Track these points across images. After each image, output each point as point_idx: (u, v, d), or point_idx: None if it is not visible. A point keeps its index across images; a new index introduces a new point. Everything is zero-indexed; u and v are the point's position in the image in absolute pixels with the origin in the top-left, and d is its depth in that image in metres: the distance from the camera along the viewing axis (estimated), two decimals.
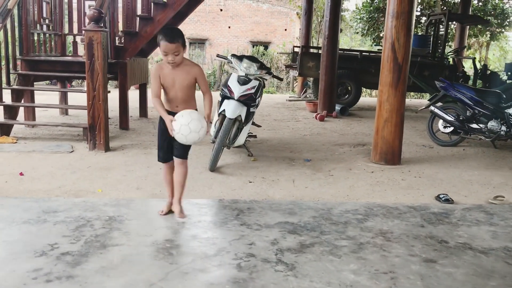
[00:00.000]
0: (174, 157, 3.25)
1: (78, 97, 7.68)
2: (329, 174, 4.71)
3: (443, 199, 3.94)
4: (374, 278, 2.47)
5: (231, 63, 4.88)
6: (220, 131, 4.54)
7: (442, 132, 6.59)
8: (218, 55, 5.26)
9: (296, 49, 11.68)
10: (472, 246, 2.97)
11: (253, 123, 5.36)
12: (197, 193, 3.93)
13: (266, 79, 5.26)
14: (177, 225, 3.14)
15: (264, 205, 3.60)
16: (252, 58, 4.88)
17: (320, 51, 9.74)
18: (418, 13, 18.45)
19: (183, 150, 3.22)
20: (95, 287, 2.26)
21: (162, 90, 3.14)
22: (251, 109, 4.80)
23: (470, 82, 11.22)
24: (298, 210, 3.52)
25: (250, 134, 5.26)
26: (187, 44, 24.69)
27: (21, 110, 6.44)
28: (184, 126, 2.95)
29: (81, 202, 3.50)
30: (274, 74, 5.17)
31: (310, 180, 4.47)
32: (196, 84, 3.17)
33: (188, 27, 21.52)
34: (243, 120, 4.74)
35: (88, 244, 2.76)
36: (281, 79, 5.56)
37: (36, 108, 6.76)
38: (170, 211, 3.34)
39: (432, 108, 6.55)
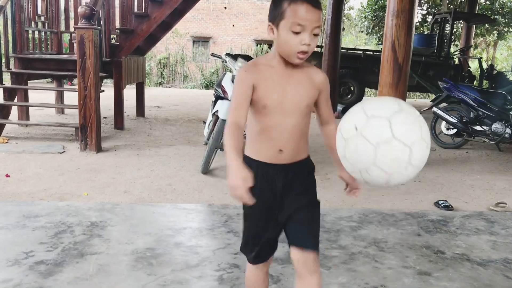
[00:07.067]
0: (298, 249, 1.64)
1: (74, 96, 7.55)
2: (326, 178, 4.56)
3: (442, 205, 3.78)
4: None
5: (226, 62, 4.74)
6: (212, 133, 4.39)
7: (445, 134, 6.41)
8: (212, 54, 5.12)
9: None
10: (470, 257, 2.81)
11: None
12: (186, 197, 3.79)
13: None
14: (161, 232, 3.00)
15: None
16: (247, 57, 4.72)
17: (322, 50, 9.58)
18: (425, 12, 18.24)
19: (315, 228, 1.72)
20: None
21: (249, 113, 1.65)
22: None
23: (476, 83, 11.03)
24: None
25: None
26: (190, 41, 24.64)
27: (15, 109, 6.33)
28: (420, 143, 1.41)
29: (64, 206, 3.37)
30: None
31: None
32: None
33: (192, 25, 21.38)
34: None
35: (65, 252, 2.63)
36: None
37: (32, 107, 6.67)
38: None
39: (434, 109, 6.36)
